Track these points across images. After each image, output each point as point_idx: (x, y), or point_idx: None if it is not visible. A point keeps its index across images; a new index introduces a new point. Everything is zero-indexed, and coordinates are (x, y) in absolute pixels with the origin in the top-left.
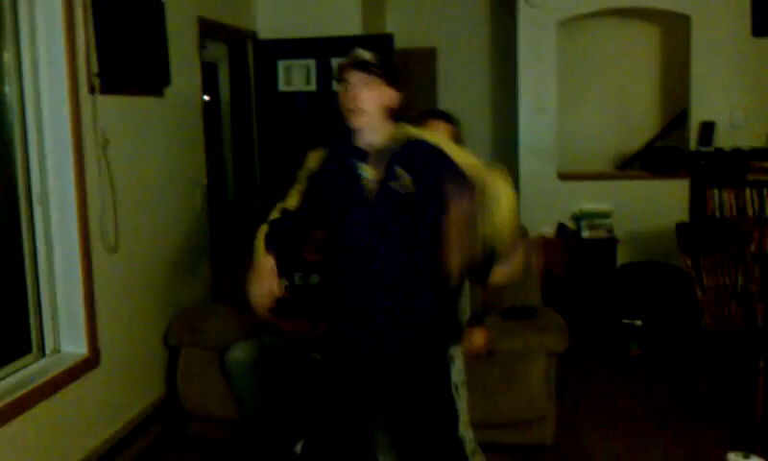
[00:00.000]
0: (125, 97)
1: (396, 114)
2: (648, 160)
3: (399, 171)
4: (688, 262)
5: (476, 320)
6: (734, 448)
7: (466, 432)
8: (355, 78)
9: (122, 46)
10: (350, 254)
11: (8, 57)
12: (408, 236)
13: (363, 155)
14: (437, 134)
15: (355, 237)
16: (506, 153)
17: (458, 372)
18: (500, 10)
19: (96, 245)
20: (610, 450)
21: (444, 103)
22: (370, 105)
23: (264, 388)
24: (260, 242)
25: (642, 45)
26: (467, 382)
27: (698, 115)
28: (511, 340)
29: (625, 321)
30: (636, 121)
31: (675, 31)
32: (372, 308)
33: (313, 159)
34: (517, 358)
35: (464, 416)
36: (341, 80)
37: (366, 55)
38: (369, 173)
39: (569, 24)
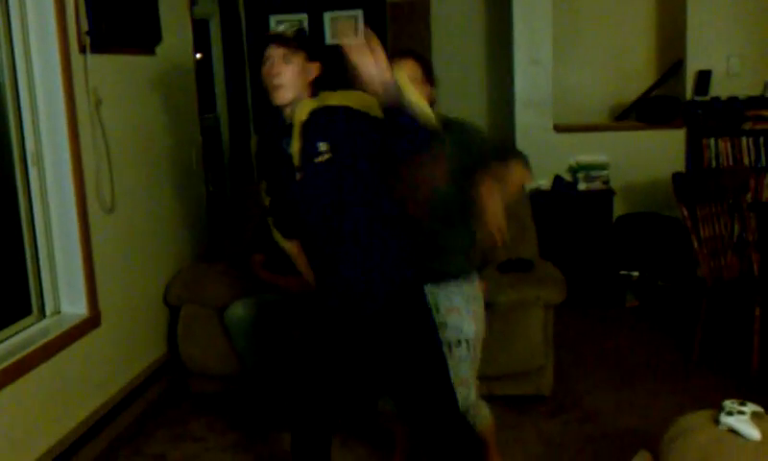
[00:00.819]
0: (116, 56)
1: (318, 85)
2: (644, 111)
3: (320, 144)
4: (685, 212)
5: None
6: (731, 396)
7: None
8: (276, 53)
9: (112, 4)
10: (303, 225)
11: None
12: (341, 199)
13: (287, 129)
14: (349, 95)
15: (300, 210)
16: (501, 106)
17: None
18: None
19: (93, 205)
20: (607, 400)
21: (439, 56)
22: (290, 79)
23: (264, 344)
24: (278, 235)
25: None
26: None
27: (694, 65)
28: (508, 293)
29: (622, 272)
30: (632, 71)
31: None
32: (335, 273)
33: (253, 145)
34: (515, 311)
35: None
36: (262, 56)
37: (284, 30)
38: (293, 146)
39: None
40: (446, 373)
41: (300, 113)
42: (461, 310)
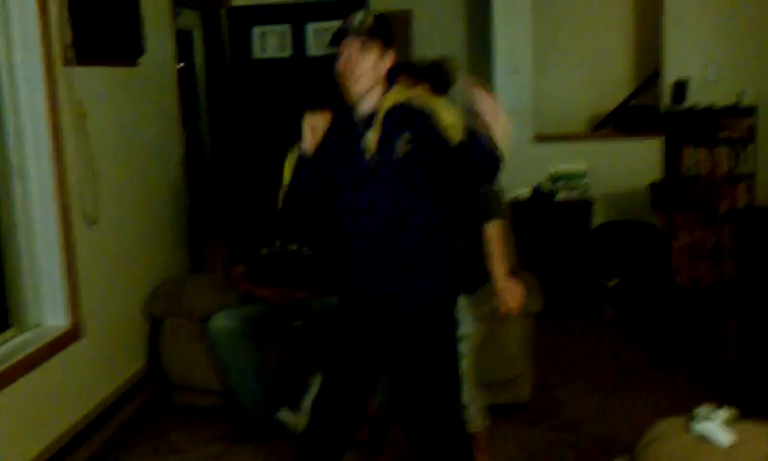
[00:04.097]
0: (100, 67)
1: (391, 76)
2: (622, 120)
3: (401, 136)
4: (662, 221)
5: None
6: (708, 402)
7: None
8: (351, 45)
9: (95, 16)
10: (353, 219)
11: None
12: (409, 199)
13: (363, 121)
14: (434, 99)
15: (358, 203)
16: None
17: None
18: None
19: (76, 217)
20: (585, 408)
21: None
22: (367, 71)
23: (246, 357)
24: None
25: (615, 5)
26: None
27: (671, 74)
28: (487, 301)
29: (601, 281)
30: (610, 81)
31: None
32: (379, 271)
33: (323, 122)
34: (492, 319)
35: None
36: (337, 48)
37: (362, 20)
38: (368, 138)
39: None
40: (459, 386)
41: (386, 102)
42: (461, 308)
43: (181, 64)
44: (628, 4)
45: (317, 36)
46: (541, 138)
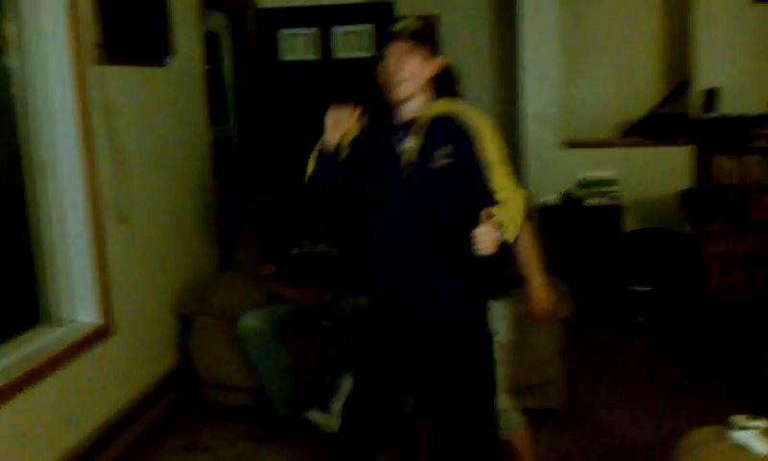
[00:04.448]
0: (128, 67)
1: (438, 85)
2: (651, 128)
3: (437, 149)
4: (694, 229)
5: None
6: (740, 412)
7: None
8: (397, 49)
9: (124, 16)
10: (384, 225)
11: (11, 30)
12: (442, 211)
13: (404, 126)
14: (480, 118)
15: (392, 210)
16: (509, 121)
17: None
18: None
19: (106, 215)
20: (617, 415)
21: None
22: (412, 75)
23: (274, 356)
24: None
25: (644, 12)
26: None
27: (701, 82)
28: (517, 305)
29: (632, 287)
30: (640, 89)
31: None
32: (410, 279)
33: (355, 127)
34: (524, 323)
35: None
36: (382, 51)
37: (409, 24)
38: (409, 144)
39: None
40: (492, 394)
41: (429, 112)
42: (495, 313)
43: (210, 67)
44: (657, 10)
45: (343, 38)
46: (570, 144)
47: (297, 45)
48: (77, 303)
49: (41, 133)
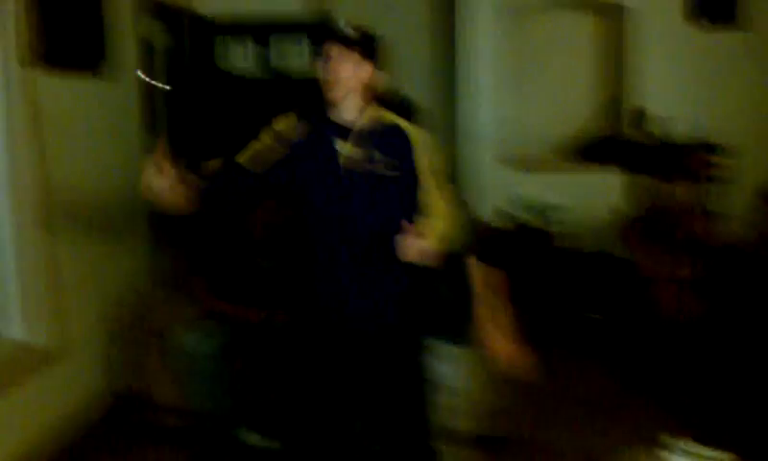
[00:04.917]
0: (59, 72)
1: (374, 93)
2: (585, 150)
3: (377, 154)
4: (626, 251)
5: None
6: (672, 431)
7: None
8: (335, 50)
9: (56, 19)
10: (322, 229)
11: None
12: (381, 214)
13: (341, 130)
14: (416, 129)
15: (328, 212)
16: (448, 138)
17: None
18: None
19: (31, 227)
20: (556, 437)
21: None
22: (348, 78)
23: (210, 374)
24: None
25: (579, 35)
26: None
27: (633, 105)
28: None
29: (580, 313)
30: (574, 110)
31: (611, 21)
32: (343, 283)
33: (283, 124)
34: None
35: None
36: (321, 51)
37: (347, 28)
38: (346, 150)
39: (510, 12)
40: (425, 410)
41: (363, 118)
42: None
43: (147, 78)
44: (591, 35)
45: (281, 50)
46: (505, 163)
47: (233, 55)
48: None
49: None
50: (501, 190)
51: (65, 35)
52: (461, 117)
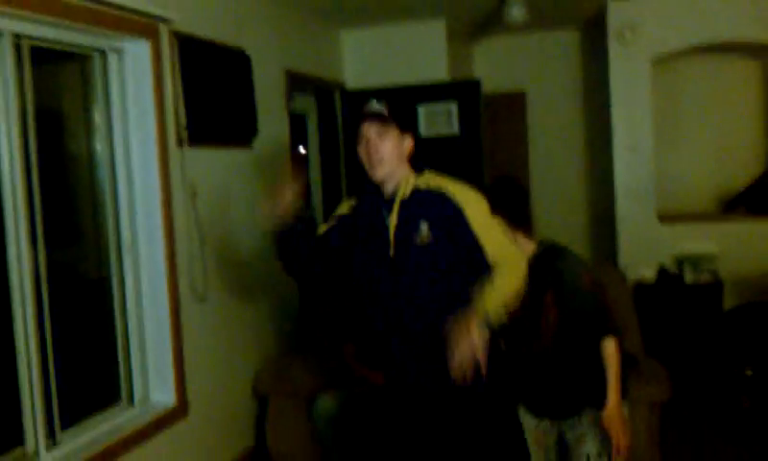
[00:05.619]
0: (213, 149)
1: (414, 162)
2: (754, 200)
3: (422, 223)
4: None
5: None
6: None
7: None
8: (372, 130)
9: (209, 99)
10: (375, 302)
11: (98, 115)
12: (429, 284)
13: (387, 204)
14: (466, 191)
15: (378, 285)
16: (601, 195)
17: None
18: (591, 49)
19: (185, 294)
20: None
21: (536, 146)
22: (389, 154)
23: (350, 439)
24: None
25: (742, 80)
26: None
27: None
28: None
29: (738, 369)
30: (740, 160)
31: None
32: (401, 355)
33: (345, 206)
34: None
35: None
36: (358, 134)
37: (380, 106)
38: (391, 221)
39: (663, 61)
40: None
41: (404, 189)
42: (586, 436)
43: (304, 151)
44: (755, 80)
45: (428, 116)
46: (666, 218)
47: None
48: (153, 382)
49: (124, 213)
50: (662, 248)
51: (218, 112)
52: (617, 173)
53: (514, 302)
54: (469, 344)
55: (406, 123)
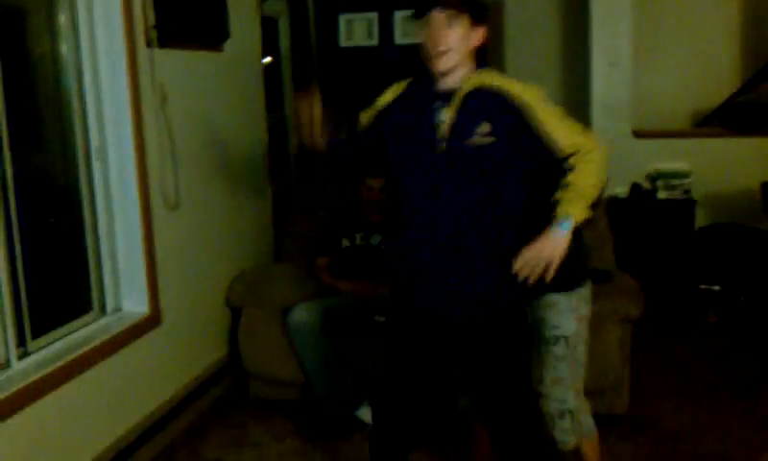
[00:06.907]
0: (183, 51)
1: (481, 56)
2: (729, 117)
3: (480, 124)
4: None
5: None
6: None
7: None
8: (438, 17)
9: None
10: (415, 206)
11: (63, 17)
12: (480, 191)
13: (443, 98)
14: (529, 90)
15: (421, 188)
16: (577, 110)
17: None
18: None
19: (156, 202)
20: (685, 421)
21: (511, 59)
22: (455, 45)
23: (326, 351)
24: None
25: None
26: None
27: None
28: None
29: (702, 286)
30: (716, 76)
31: None
32: (435, 267)
33: (390, 94)
34: (591, 324)
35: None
36: (422, 19)
37: None
38: (446, 117)
39: None
40: (529, 384)
41: (466, 85)
42: (559, 306)
43: (269, 59)
44: None
45: (405, 24)
46: (641, 134)
47: (357, 31)
48: (125, 291)
49: (92, 118)
50: (637, 164)
51: (188, 12)
52: (594, 88)
53: (598, 194)
54: (547, 262)
55: (480, 12)
